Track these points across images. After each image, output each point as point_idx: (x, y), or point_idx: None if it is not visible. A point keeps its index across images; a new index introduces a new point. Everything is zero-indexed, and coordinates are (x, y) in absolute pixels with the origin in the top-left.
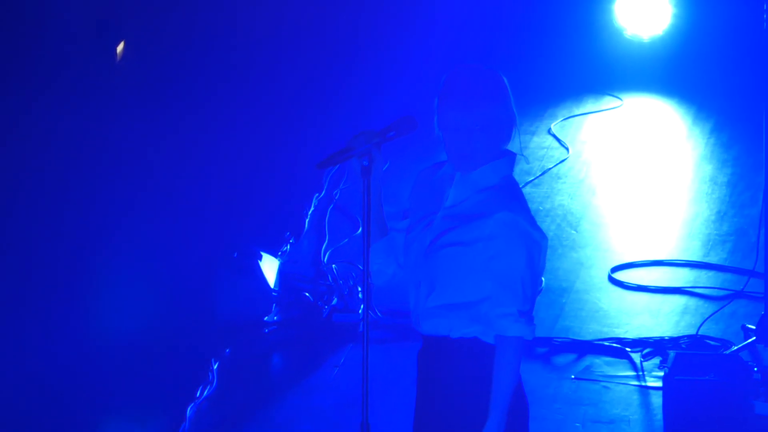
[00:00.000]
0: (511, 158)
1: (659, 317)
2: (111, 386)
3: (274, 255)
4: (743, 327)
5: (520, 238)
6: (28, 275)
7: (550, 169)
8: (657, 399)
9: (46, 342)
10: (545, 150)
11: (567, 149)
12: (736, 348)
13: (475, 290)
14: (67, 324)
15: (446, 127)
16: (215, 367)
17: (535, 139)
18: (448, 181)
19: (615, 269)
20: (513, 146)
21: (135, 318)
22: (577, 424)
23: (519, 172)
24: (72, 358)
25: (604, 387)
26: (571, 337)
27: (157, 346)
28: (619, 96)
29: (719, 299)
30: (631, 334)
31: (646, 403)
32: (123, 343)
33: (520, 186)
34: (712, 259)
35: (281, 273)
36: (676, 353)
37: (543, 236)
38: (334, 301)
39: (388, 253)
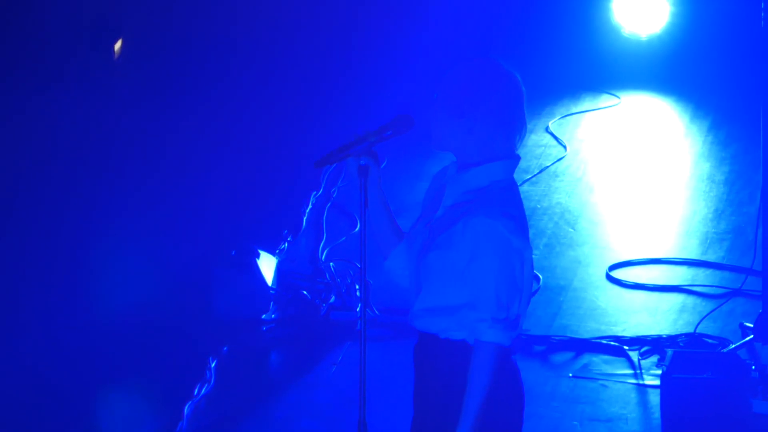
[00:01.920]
0: (509, 162)
1: (657, 315)
2: (108, 383)
3: (272, 253)
4: (741, 325)
5: (495, 244)
6: (26, 271)
7: (547, 167)
8: (655, 397)
9: (42, 339)
10: (543, 148)
11: (565, 147)
12: (733, 346)
13: (456, 295)
14: (63, 320)
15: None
16: (213, 365)
17: (533, 137)
18: (449, 181)
19: (613, 267)
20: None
21: (132, 315)
22: (575, 423)
23: (517, 171)
24: (69, 355)
25: (602, 385)
26: (568, 335)
27: (154, 343)
28: (617, 94)
29: (717, 297)
30: (629, 332)
31: (643, 402)
32: (120, 340)
33: (518, 185)
34: (710, 257)
35: (279, 271)
36: (673, 351)
37: (525, 244)
38: (332, 299)
39: (408, 253)
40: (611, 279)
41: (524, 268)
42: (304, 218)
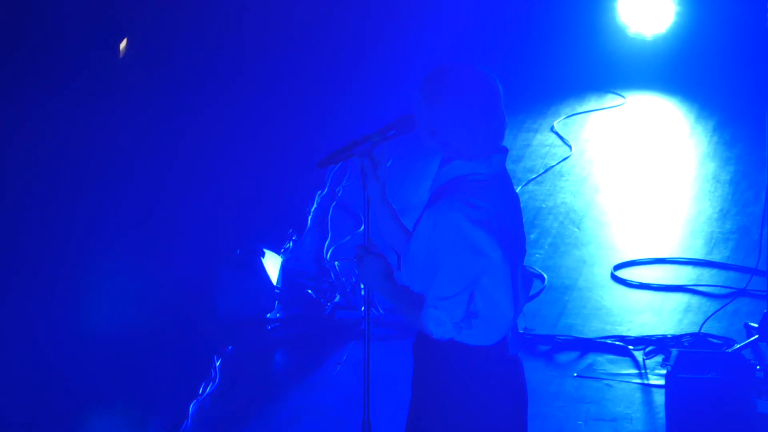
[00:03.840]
0: (493, 159)
1: (662, 315)
2: (113, 383)
3: (277, 252)
4: (746, 325)
5: (447, 232)
6: (31, 270)
7: (553, 166)
8: (659, 397)
9: (48, 338)
10: (548, 148)
11: (570, 147)
12: (738, 346)
13: (419, 283)
14: (69, 320)
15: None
16: (218, 364)
17: (538, 136)
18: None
19: (618, 267)
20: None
21: (138, 314)
22: (580, 422)
23: (522, 170)
24: (74, 354)
25: (607, 385)
26: (573, 334)
27: (159, 342)
28: (622, 94)
29: (722, 297)
30: (634, 331)
31: (648, 401)
32: (125, 339)
33: (523, 184)
34: (715, 257)
35: (284, 270)
36: (678, 351)
37: (486, 236)
38: (337, 298)
39: None
40: (616, 279)
41: (478, 258)
42: (309, 217)
